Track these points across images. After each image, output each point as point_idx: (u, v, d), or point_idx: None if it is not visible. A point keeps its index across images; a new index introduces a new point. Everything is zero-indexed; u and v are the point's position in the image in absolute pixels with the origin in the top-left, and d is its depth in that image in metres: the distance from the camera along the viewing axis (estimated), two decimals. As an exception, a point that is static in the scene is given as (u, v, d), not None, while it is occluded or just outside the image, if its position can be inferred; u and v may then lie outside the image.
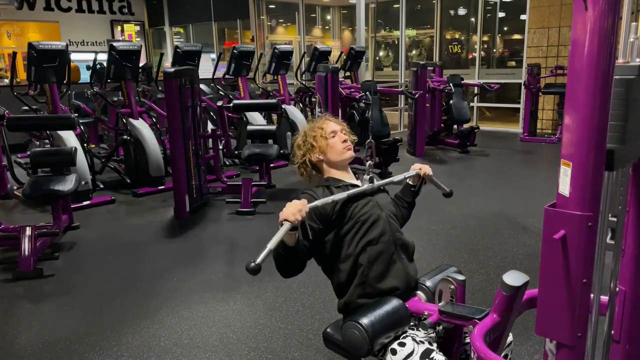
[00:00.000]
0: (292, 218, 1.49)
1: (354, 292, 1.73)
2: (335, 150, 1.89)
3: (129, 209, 5.35)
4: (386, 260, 1.73)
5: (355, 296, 1.73)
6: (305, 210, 1.53)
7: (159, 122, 6.78)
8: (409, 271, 1.77)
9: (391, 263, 1.74)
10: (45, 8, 12.74)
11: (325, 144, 1.91)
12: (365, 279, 1.71)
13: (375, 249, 1.72)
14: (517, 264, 3.61)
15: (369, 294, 1.71)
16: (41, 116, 5.33)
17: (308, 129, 1.98)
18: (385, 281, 1.72)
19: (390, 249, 1.75)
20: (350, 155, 1.92)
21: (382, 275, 1.72)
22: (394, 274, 1.73)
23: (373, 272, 1.71)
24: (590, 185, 0.99)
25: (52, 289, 3.47)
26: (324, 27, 14.32)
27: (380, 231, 1.75)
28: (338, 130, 1.94)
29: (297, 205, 1.52)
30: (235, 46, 7.37)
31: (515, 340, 1.81)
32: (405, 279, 1.75)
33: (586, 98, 0.96)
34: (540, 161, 7.41)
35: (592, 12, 0.92)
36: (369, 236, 1.73)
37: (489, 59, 11.21)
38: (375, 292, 1.71)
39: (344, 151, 1.90)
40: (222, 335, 2.79)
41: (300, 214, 1.50)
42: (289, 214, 1.49)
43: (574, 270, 1.00)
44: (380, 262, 1.72)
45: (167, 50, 13.85)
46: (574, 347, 1.05)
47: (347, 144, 1.92)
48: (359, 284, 1.72)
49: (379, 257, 1.72)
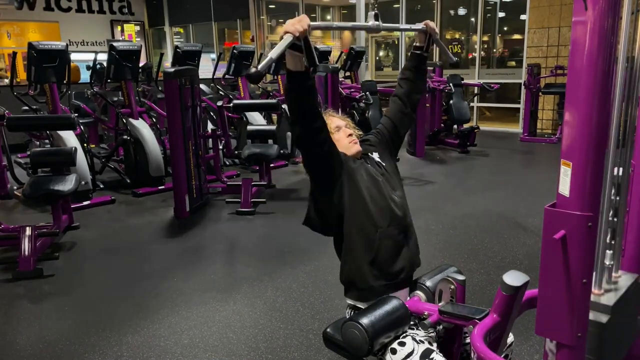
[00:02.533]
0: (291, 28, 1.45)
1: (364, 269, 1.73)
2: (342, 144, 1.85)
3: (129, 209, 5.35)
4: (396, 244, 1.75)
5: (366, 275, 1.73)
6: (306, 22, 1.48)
7: (159, 122, 6.78)
8: (413, 255, 1.81)
9: (400, 247, 1.76)
10: (45, 8, 12.75)
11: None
12: (375, 259, 1.72)
13: (387, 232, 1.73)
14: (517, 263, 3.61)
15: (376, 275, 1.72)
16: (41, 116, 5.32)
17: None
18: (394, 264, 1.74)
19: (400, 235, 1.77)
20: (357, 149, 1.87)
21: (391, 258, 1.74)
22: (402, 257, 1.76)
23: (383, 254, 1.73)
24: (590, 185, 0.99)
25: (52, 289, 3.47)
26: (324, 27, 14.30)
27: (392, 216, 1.76)
28: (342, 125, 1.92)
29: (299, 18, 1.49)
30: (235, 46, 7.37)
31: (515, 341, 1.81)
32: (410, 263, 1.78)
33: (586, 98, 0.96)
34: (540, 161, 7.42)
35: (592, 12, 0.92)
36: (383, 220, 1.74)
37: (489, 58, 11.21)
38: (382, 274, 1.73)
39: (350, 145, 1.86)
40: (222, 335, 2.79)
41: (301, 24, 1.46)
42: (288, 25, 1.46)
43: (574, 270, 1.00)
44: (391, 246, 1.74)
45: (167, 50, 13.86)
46: (574, 347, 1.05)
47: (353, 138, 1.89)
48: (370, 262, 1.72)
49: (390, 241, 1.74)
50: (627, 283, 1.17)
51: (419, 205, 4.89)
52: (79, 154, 4.75)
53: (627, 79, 1.13)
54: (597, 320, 1.08)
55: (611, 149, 1.11)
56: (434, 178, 6.21)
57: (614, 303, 1.10)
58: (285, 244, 4.13)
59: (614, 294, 1.13)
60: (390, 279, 1.74)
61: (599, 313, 1.09)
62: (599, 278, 1.14)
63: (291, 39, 1.44)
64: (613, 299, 1.11)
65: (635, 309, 1.24)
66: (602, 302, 1.10)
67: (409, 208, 1.85)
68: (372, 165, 1.87)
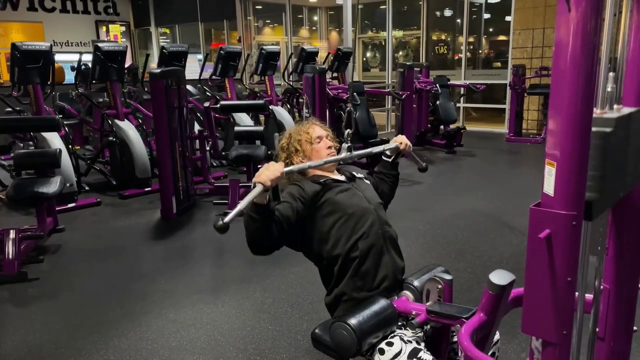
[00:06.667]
0: (268, 183, 1.49)
1: (346, 284, 1.74)
2: (320, 156, 1.90)
3: (115, 211, 5.30)
4: (377, 253, 1.75)
5: (348, 289, 1.74)
6: (280, 173, 1.53)
7: (145, 124, 6.73)
8: (396, 263, 1.80)
9: (381, 255, 1.76)
10: (28, 8, 12.58)
11: (310, 149, 1.92)
12: (357, 272, 1.72)
13: (365, 243, 1.73)
14: (504, 263, 3.64)
15: (359, 287, 1.72)
16: (25, 117, 5.26)
17: (294, 131, 1.98)
18: (376, 274, 1.74)
19: (379, 242, 1.76)
20: (333, 166, 1.94)
21: (373, 268, 1.74)
22: (384, 266, 1.76)
23: (364, 265, 1.73)
24: (574, 184, 1.00)
25: (37, 293, 3.43)
26: (311, 28, 14.32)
27: (369, 225, 1.76)
28: (324, 136, 1.95)
29: (272, 169, 1.52)
30: (222, 47, 7.34)
31: (501, 339, 1.82)
32: (393, 271, 1.78)
33: (570, 98, 0.97)
34: (526, 161, 7.49)
35: (575, 14, 0.93)
36: (359, 231, 1.74)
37: (475, 60, 11.30)
38: (365, 285, 1.73)
39: (327, 157, 1.90)
40: (210, 338, 2.78)
41: (273, 175, 1.50)
42: (264, 177, 1.49)
43: (559, 269, 1.01)
44: (371, 256, 1.74)
45: (153, 51, 13.74)
46: (559, 345, 1.06)
47: (332, 151, 1.93)
48: (351, 276, 1.73)
49: (370, 251, 1.74)
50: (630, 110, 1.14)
51: (406, 206, 4.91)
52: (63, 155, 4.70)
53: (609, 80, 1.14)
54: (601, 130, 1.04)
55: (595, 149, 1.12)
56: (421, 178, 6.24)
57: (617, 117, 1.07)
58: (273, 245, 4.11)
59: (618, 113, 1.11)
60: (373, 290, 1.74)
61: (602, 127, 1.04)
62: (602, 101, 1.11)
63: (261, 189, 1.49)
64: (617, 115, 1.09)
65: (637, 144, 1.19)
66: (605, 117, 1.06)
67: (386, 218, 1.87)
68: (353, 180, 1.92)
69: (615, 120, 1.05)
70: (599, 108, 1.08)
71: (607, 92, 1.09)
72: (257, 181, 1.49)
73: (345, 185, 1.85)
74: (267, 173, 1.50)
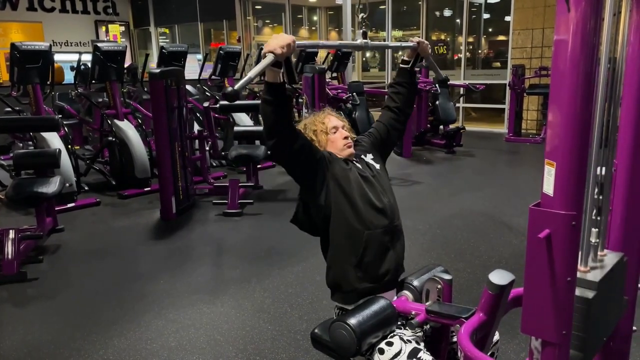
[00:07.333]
0: (279, 51, 1.43)
1: (349, 272, 1.74)
2: (336, 146, 1.85)
3: (115, 211, 5.29)
4: (382, 246, 1.75)
5: (351, 278, 1.73)
6: (292, 44, 1.46)
7: (145, 124, 6.73)
8: (399, 259, 1.80)
9: (386, 250, 1.76)
10: (28, 8, 12.57)
11: (326, 139, 1.87)
12: (361, 261, 1.72)
13: (374, 234, 1.73)
14: (503, 263, 3.64)
15: (361, 278, 1.73)
16: (24, 117, 5.26)
17: (309, 122, 1.93)
18: (379, 267, 1.74)
19: (386, 237, 1.76)
20: (350, 152, 1.86)
21: (377, 260, 1.74)
22: (387, 260, 1.76)
23: (369, 256, 1.73)
24: (574, 184, 1.00)
25: (37, 293, 3.42)
26: (311, 28, 14.32)
27: (380, 217, 1.75)
28: (339, 127, 1.90)
29: (284, 38, 1.46)
30: (221, 47, 7.33)
31: (501, 339, 1.82)
32: (395, 266, 1.78)
33: (569, 98, 0.97)
34: (525, 161, 7.49)
35: (574, 14, 0.93)
36: (371, 222, 1.73)
37: (475, 60, 11.30)
38: (367, 276, 1.73)
39: (344, 148, 1.85)
40: (210, 338, 2.78)
41: (285, 44, 1.44)
42: (275, 46, 1.43)
43: (559, 269, 1.01)
44: (377, 248, 1.74)
45: (152, 51, 13.75)
46: (559, 345, 1.06)
47: (348, 141, 1.87)
48: (356, 265, 1.73)
49: (376, 243, 1.74)
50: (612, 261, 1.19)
51: (405, 205, 4.89)
52: (63, 155, 4.70)
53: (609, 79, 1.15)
54: (583, 296, 1.08)
55: (594, 149, 1.13)
56: (421, 178, 6.24)
57: (600, 279, 1.11)
58: (272, 245, 4.12)
59: (600, 271, 1.14)
60: (375, 282, 1.74)
61: (585, 289, 1.09)
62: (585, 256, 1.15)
63: (272, 59, 1.41)
64: (599, 276, 1.12)
65: (621, 286, 1.25)
66: (588, 279, 1.10)
67: (398, 211, 1.85)
68: (363, 167, 1.87)
69: (598, 283, 1.10)
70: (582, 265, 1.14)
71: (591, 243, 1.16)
72: (267, 50, 1.43)
73: (369, 173, 1.83)
74: (276, 41, 1.44)
